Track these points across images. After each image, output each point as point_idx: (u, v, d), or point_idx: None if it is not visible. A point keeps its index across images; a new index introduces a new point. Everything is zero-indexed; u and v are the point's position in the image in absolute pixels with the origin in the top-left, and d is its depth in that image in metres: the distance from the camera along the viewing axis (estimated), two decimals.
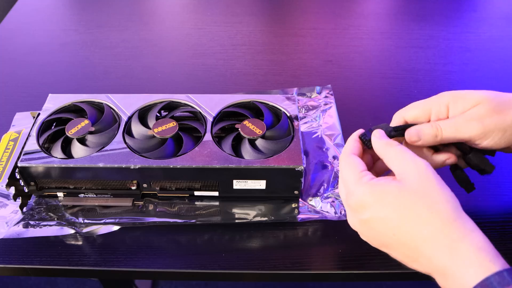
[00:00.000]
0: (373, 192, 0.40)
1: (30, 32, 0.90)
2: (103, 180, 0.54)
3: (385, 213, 0.39)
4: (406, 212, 0.38)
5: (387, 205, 0.39)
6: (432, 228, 0.37)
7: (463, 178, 0.48)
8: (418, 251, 0.37)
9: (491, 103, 0.43)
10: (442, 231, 0.36)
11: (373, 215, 0.39)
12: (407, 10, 0.99)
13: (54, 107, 0.60)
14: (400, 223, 0.38)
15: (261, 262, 0.50)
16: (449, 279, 0.36)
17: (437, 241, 0.36)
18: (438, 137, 0.44)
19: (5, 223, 0.53)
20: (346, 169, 0.43)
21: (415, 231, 0.37)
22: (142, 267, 0.50)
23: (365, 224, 0.41)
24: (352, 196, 0.41)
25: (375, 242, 0.42)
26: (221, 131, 0.58)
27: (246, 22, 0.94)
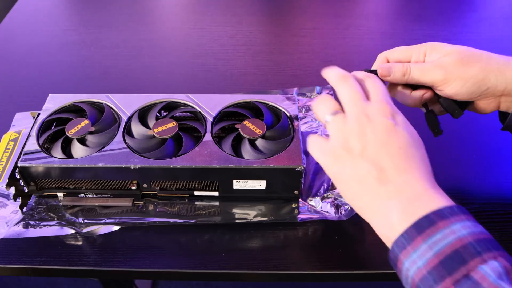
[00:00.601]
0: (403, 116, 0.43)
1: (30, 32, 0.90)
2: (103, 180, 0.54)
3: (407, 132, 0.41)
4: (416, 144, 0.41)
5: (410, 130, 0.42)
6: (427, 166, 0.40)
7: (433, 120, 0.52)
8: (408, 170, 0.39)
9: (459, 55, 0.48)
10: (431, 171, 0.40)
11: (398, 125, 0.41)
12: (407, 10, 0.99)
13: (54, 107, 0.60)
14: (409, 146, 0.40)
15: (261, 262, 0.50)
16: (414, 203, 0.37)
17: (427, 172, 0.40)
18: (405, 76, 0.49)
19: (5, 223, 0.53)
20: (384, 87, 0.45)
21: (416, 158, 0.40)
22: (142, 267, 0.50)
23: (383, 125, 0.41)
24: (388, 104, 0.43)
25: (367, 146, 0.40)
26: (221, 131, 0.58)
27: (246, 22, 0.94)
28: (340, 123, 0.42)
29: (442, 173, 0.59)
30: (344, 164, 0.41)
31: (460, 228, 0.34)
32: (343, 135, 0.41)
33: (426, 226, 0.35)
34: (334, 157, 0.41)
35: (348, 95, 0.43)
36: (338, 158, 0.41)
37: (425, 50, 0.50)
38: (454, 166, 0.60)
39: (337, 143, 0.41)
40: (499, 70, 0.47)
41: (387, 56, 0.52)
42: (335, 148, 0.41)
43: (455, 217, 0.35)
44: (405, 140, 0.40)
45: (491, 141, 0.64)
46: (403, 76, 0.49)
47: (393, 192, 0.38)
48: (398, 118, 0.42)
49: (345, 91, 0.44)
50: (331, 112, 0.43)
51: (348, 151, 0.41)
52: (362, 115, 0.41)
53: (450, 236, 0.33)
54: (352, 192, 0.41)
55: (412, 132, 0.41)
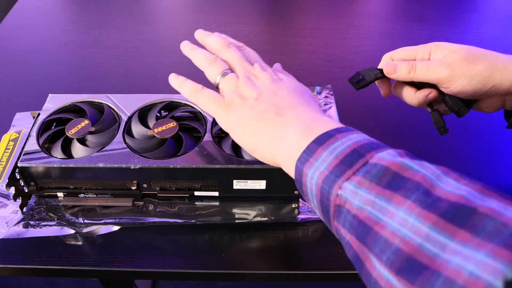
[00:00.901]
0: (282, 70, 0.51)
1: (30, 32, 0.90)
2: (103, 180, 0.54)
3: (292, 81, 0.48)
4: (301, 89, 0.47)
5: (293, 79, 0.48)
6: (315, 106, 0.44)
7: (438, 119, 0.52)
8: (296, 105, 0.43)
9: (464, 53, 0.48)
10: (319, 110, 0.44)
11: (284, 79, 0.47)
12: (407, 10, 0.99)
13: (54, 107, 0.60)
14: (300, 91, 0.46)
15: (261, 262, 0.50)
16: (312, 124, 0.39)
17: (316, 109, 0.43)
18: (411, 73, 0.50)
19: (5, 223, 0.53)
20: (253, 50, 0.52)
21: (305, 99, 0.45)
22: (142, 267, 0.50)
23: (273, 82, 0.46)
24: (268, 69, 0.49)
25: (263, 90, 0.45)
26: (221, 131, 0.58)
27: (246, 22, 0.94)
28: (232, 81, 0.46)
29: None
30: (242, 109, 0.44)
31: (357, 137, 0.36)
32: (236, 89, 0.45)
33: (325, 139, 0.36)
34: (231, 106, 0.44)
35: (235, 58, 0.49)
36: (235, 106, 0.44)
37: (430, 49, 0.51)
38: (455, 165, 0.60)
39: (232, 96, 0.45)
40: (504, 68, 0.47)
41: (392, 56, 0.53)
42: (231, 99, 0.45)
43: (351, 131, 0.37)
44: (291, 86, 0.46)
45: (493, 140, 0.64)
46: (408, 73, 0.50)
47: (291, 118, 0.41)
48: (279, 74, 0.48)
49: (231, 55, 0.49)
50: (222, 72, 0.47)
51: (244, 99, 0.44)
52: (250, 74, 0.47)
53: (348, 142, 0.35)
54: (252, 131, 0.42)
55: (295, 81, 0.47)
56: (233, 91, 0.45)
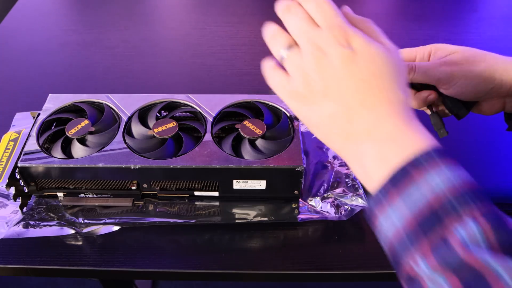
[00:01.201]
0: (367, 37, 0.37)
1: (30, 32, 0.90)
2: (103, 180, 0.54)
3: (368, 61, 0.36)
4: (384, 70, 0.36)
5: (374, 54, 0.36)
6: (399, 99, 0.35)
7: (438, 122, 0.52)
8: (373, 107, 0.35)
9: (464, 54, 0.48)
10: (405, 104, 0.36)
11: (357, 54, 0.36)
12: (407, 10, 0.99)
13: (54, 107, 0.60)
14: (374, 75, 0.36)
15: (261, 262, 0.50)
16: (387, 147, 0.34)
17: (398, 108, 0.35)
18: (410, 74, 0.48)
19: (5, 223, 0.53)
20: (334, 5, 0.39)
21: (384, 90, 0.35)
22: (142, 267, 0.50)
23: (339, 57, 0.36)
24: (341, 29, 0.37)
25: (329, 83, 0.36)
26: (221, 131, 0.58)
27: (246, 22, 0.94)
28: (296, 60, 0.38)
29: None
30: (311, 106, 0.37)
31: (437, 179, 0.31)
32: (302, 73, 0.37)
33: (400, 178, 0.32)
34: (300, 99, 0.38)
35: (294, 26, 0.39)
36: (304, 100, 0.38)
37: (430, 51, 0.50)
38: None
39: (298, 83, 0.38)
40: (504, 69, 0.47)
41: None
42: (298, 88, 0.38)
43: (431, 164, 0.31)
44: (368, 70, 0.36)
45: (491, 141, 0.64)
46: (407, 74, 0.49)
47: (363, 133, 0.35)
48: (355, 43, 0.36)
49: (291, 23, 0.39)
50: (284, 46, 0.39)
51: (310, 91, 0.37)
52: (315, 48, 0.37)
53: (426, 191, 0.31)
54: (325, 135, 0.38)
55: (376, 55, 0.36)
56: (299, 76, 0.38)
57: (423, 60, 0.51)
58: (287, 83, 0.39)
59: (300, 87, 0.38)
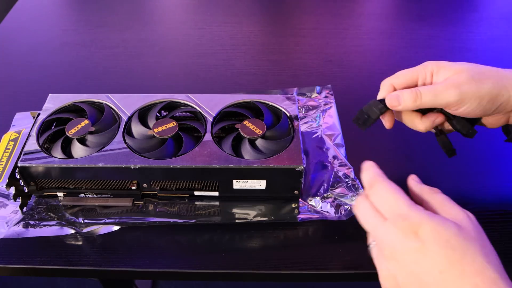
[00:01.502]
0: (433, 220, 0.35)
1: (30, 32, 0.90)
2: (103, 180, 0.54)
3: (440, 247, 0.34)
4: (461, 253, 0.34)
5: (444, 239, 0.34)
6: (485, 278, 0.33)
7: (446, 143, 0.51)
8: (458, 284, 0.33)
9: (470, 72, 0.46)
10: (495, 282, 0.33)
11: (427, 244, 0.34)
12: (407, 10, 0.99)
13: (54, 107, 0.60)
14: (452, 262, 0.33)
15: (261, 262, 0.50)
16: None
17: (489, 271, 0.33)
18: (417, 102, 0.46)
19: (5, 223, 0.53)
20: (393, 191, 0.39)
21: (466, 276, 0.33)
22: (142, 267, 0.50)
23: (410, 253, 0.35)
24: (404, 219, 0.36)
25: (408, 280, 0.35)
26: (221, 131, 0.58)
27: (246, 22, 0.94)
28: (374, 254, 0.39)
29: (442, 173, 0.60)
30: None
31: None
32: (382, 265, 0.38)
33: None
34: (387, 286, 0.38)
35: (364, 222, 0.39)
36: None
37: (432, 70, 0.48)
38: (454, 165, 0.60)
39: (380, 275, 0.39)
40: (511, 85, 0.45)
41: (392, 82, 0.49)
42: (383, 277, 0.38)
43: None
44: (443, 259, 0.33)
45: (492, 142, 0.64)
46: (414, 102, 0.46)
47: None
48: (423, 230, 0.35)
49: (361, 219, 0.40)
50: (370, 239, 0.40)
51: (390, 286, 0.37)
52: (385, 245, 0.37)
53: None
54: None
55: (448, 239, 0.34)
56: (378, 268, 0.39)
57: (425, 81, 0.48)
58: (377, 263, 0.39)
59: (384, 278, 0.38)
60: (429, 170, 0.60)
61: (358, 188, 0.55)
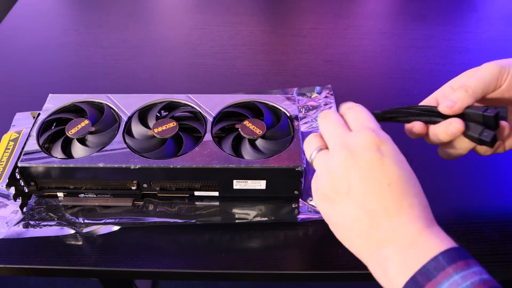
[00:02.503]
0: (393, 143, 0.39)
1: (30, 32, 0.90)
2: (103, 180, 0.54)
3: (395, 164, 0.37)
4: (408, 175, 0.37)
5: (399, 160, 0.37)
6: (421, 202, 0.37)
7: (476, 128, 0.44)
8: (397, 211, 0.36)
9: None
10: (427, 208, 0.37)
11: (385, 158, 0.37)
12: (407, 10, 0.99)
13: (54, 107, 0.60)
14: (399, 178, 0.37)
15: (261, 262, 0.50)
16: (409, 252, 0.35)
17: (421, 213, 0.36)
18: (469, 91, 0.44)
19: (5, 223, 0.53)
20: (368, 113, 0.41)
21: (408, 194, 0.36)
22: (142, 267, 0.50)
23: (367, 160, 0.37)
24: (372, 132, 0.38)
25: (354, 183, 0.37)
26: (221, 131, 0.58)
27: (246, 22, 0.94)
28: (323, 159, 0.40)
29: (442, 173, 0.60)
30: (332, 206, 0.39)
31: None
32: (327, 172, 0.39)
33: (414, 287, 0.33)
34: (323, 197, 0.39)
35: (327, 129, 0.41)
36: (327, 199, 0.39)
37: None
38: (454, 165, 0.60)
39: (323, 181, 0.39)
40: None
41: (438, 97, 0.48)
42: (323, 187, 0.39)
43: (441, 274, 0.32)
44: (395, 175, 0.36)
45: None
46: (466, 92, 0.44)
47: (385, 239, 0.36)
48: (384, 148, 0.37)
49: (325, 126, 0.41)
50: (314, 148, 0.41)
51: (334, 191, 0.38)
52: (344, 148, 0.38)
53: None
54: (345, 236, 0.39)
55: (402, 162, 0.38)
56: (324, 175, 0.39)
57: None
58: (315, 181, 0.41)
59: (324, 186, 0.39)
60: (429, 170, 0.60)
61: None
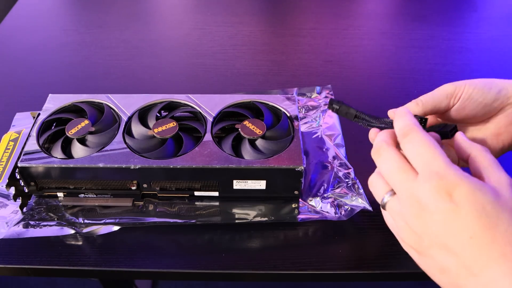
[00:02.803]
0: (470, 183, 0.33)
1: (30, 32, 0.90)
2: (103, 180, 0.54)
3: (474, 212, 0.32)
4: (495, 221, 0.32)
5: (480, 204, 0.32)
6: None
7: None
8: (486, 266, 0.32)
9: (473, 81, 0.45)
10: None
11: (461, 207, 0.32)
12: (407, 10, 0.99)
13: (54, 107, 0.60)
14: (484, 229, 0.32)
15: (261, 262, 0.50)
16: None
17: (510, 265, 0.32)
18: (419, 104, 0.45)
19: (5, 223, 0.53)
20: (431, 144, 0.36)
21: (496, 244, 0.32)
22: (142, 267, 0.50)
23: (441, 214, 0.33)
24: (440, 178, 0.33)
25: (434, 239, 0.34)
26: (221, 131, 0.58)
27: (246, 22, 0.94)
28: (396, 209, 0.37)
29: None
30: (420, 257, 0.36)
31: None
32: (405, 224, 0.36)
33: None
34: (408, 247, 0.37)
35: (388, 173, 0.37)
36: (412, 249, 0.37)
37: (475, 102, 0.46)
38: None
39: (405, 234, 0.36)
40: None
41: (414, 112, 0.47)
42: (406, 238, 0.37)
43: None
44: (476, 225, 0.32)
45: None
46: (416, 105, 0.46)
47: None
48: (458, 194, 0.33)
49: (383, 169, 0.38)
50: (384, 192, 0.38)
51: (417, 244, 0.36)
52: (414, 202, 0.34)
53: None
54: (436, 281, 0.36)
55: (484, 205, 0.32)
56: (405, 228, 0.36)
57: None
58: (396, 227, 0.37)
59: (407, 238, 0.36)
60: None
61: (358, 188, 0.55)
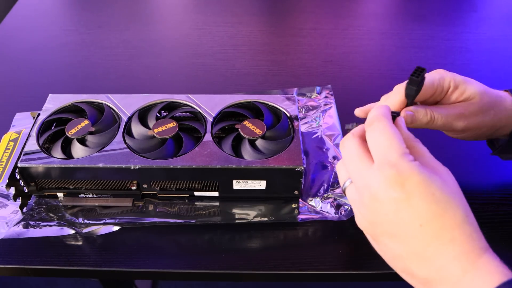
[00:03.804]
0: (421, 173, 0.34)
1: (30, 32, 0.90)
2: (103, 180, 0.54)
3: (425, 201, 0.34)
4: (444, 207, 0.34)
5: (430, 193, 0.34)
6: (462, 231, 0.33)
7: None
8: (437, 251, 0.34)
9: (480, 102, 0.47)
10: (472, 238, 0.34)
11: (412, 197, 0.34)
12: (407, 10, 0.99)
13: (54, 107, 0.60)
14: (434, 216, 0.34)
15: (261, 262, 0.50)
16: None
17: (464, 247, 0.33)
18: (429, 124, 0.47)
19: (5, 223, 0.53)
20: (390, 134, 0.37)
21: (446, 230, 0.33)
22: (142, 267, 0.50)
23: (393, 203, 0.34)
24: (393, 168, 0.35)
25: (385, 228, 0.36)
26: (221, 131, 0.58)
27: (246, 22, 0.94)
28: (353, 195, 0.39)
29: None
30: (373, 242, 0.39)
31: None
32: (358, 212, 0.39)
33: None
34: (364, 231, 0.40)
35: (347, 162, 0.39)
36: (368, 234, 0.39)
37: (448, 87, 0.47)
38: (454, 165, 0.60)
39: (359, 219, 0.39)
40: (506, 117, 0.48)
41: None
42: (361, 223, 0.39)
43: None
44: (426, 213, 0.34)
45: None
46: (426, 124, 0.46)
47: (429, 279, 0.34)
48: (410, 184, 0.34)
49: (344, 158, 0.40)
50: (345, 179, 0.41)
51: (370, 230, 0.38)
52: (366, 190, 0.36)
53: None
54: (391, 265, 0.39)
55: (434, 194, 0.34)
56: (355, 210, 0.39)
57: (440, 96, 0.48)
58: (354, 213, 0.40)
59: (362, 223, 0.39)
60: None
61: None
